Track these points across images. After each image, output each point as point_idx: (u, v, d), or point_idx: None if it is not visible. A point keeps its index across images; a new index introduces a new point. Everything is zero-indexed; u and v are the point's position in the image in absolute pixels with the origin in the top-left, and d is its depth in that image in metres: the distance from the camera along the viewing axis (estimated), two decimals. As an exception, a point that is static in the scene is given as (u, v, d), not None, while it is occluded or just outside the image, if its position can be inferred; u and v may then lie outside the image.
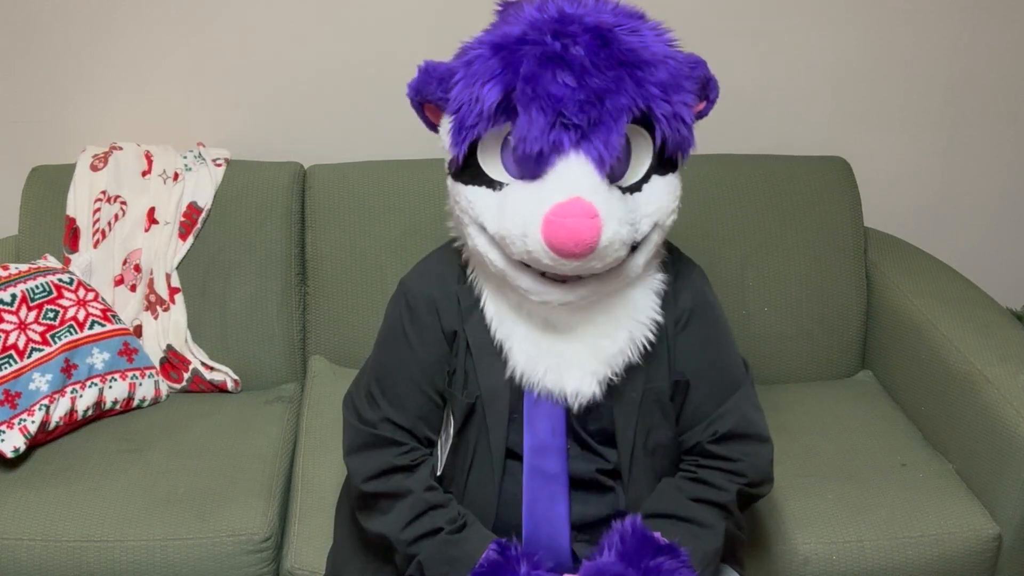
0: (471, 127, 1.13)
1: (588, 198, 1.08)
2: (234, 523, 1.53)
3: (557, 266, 1.11)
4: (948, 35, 2.16)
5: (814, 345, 1.98)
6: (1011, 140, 2.28)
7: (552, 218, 1.07)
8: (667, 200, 1.17)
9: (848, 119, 2.21)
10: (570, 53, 1.08)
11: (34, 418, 1.66)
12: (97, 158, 1.96)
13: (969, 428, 1.65)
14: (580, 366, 1.21)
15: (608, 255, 1.11)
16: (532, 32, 1.10)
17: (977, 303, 1.86)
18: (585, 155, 1.09)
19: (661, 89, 1.10)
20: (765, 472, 1.30)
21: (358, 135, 2.12)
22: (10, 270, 1.77)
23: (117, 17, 2.04)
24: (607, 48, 1.09)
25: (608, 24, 1.11)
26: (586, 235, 1.06)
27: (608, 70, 1.08)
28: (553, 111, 1.07)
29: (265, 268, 1.94)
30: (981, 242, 2.35)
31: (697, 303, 1.29)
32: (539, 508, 1.25)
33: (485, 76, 1.10)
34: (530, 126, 1.08)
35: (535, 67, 1.08)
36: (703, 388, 1.28)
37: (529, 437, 1.24)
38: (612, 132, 1.08)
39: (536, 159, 1.10)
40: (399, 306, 1.31)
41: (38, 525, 1.51)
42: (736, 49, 2.12)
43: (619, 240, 1.11)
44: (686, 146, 1.16)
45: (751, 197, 1.98)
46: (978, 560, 1.55)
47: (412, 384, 1.28)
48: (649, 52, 1.11)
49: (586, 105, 1.07)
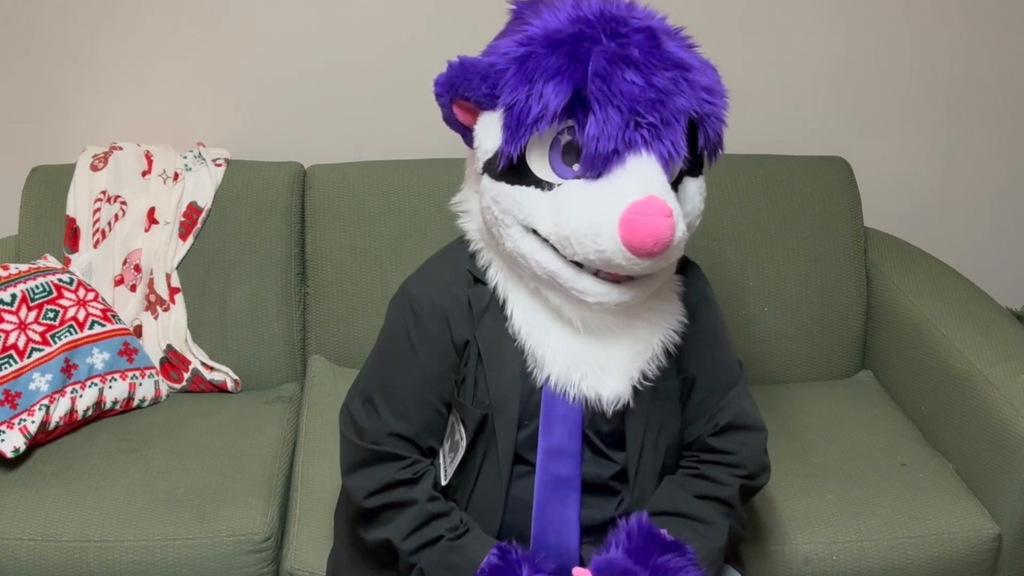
0: (532, 124, 1.09)
1: (661, 196, 1.08)
2: (234, 523, 1.53)
3: (630, 265, 1.09)
4: (948, 35, 2.16)
5: (814, 345, 1.98)
6: (1011, 140, 2.28)
7: (631, 216, 1.06)
8: (698, 201, 1.20)
9: (848, 119, 2.21)
10: (630, 53, 1.08)
11: (34, 418, 1.66)
12: (97, 158, 1.96)
13: (969, 428, 1.65)
14: (617, 371, 1.20)
15: (674, 254, 1.14)
16: (587, 29, 1.09)
17: (977, 303, 1.86)
18: (655, 155, 1.09)
19: (707, 92, 1.12)
20: (761, 461, 1.30)
21: (358, 135, 2.12)
22: (10, 270, 1.77)
23: (117, 17, 2.04)
24: (659, 50, 1.10)
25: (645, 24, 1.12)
26: (666, 233, 1.07)
27: (666, 71, 1.09)
28: (628, 109, 1.07)
29: (265, 268, 1.94)
30: (981, 242, 2.35)
31: (700, 300, 1.30)
32: (549, 512, 1.24)
33: (549, 73, 1.08)
34: (605, 124, 1.07)
35: (605, 64, 1.07)
36: (707, 384, 1.29)
37: (544, 441, 1.23)
38: (678, 132, 1.09)
39: (605, 158, 1.09)
40: (403, 313, 1.26)
41: (38, 525, 1.51)
42: (736, 49, 2.12)
43: (684, 239, 1.13)
44: (721, 148, 1.18)
45: (751, 197, 1.98)
46: (978, 560, 1.55)
47: (417, 395, 1.25)
48: (688, 55, 1.13)
49: (657, 104, 1.08)
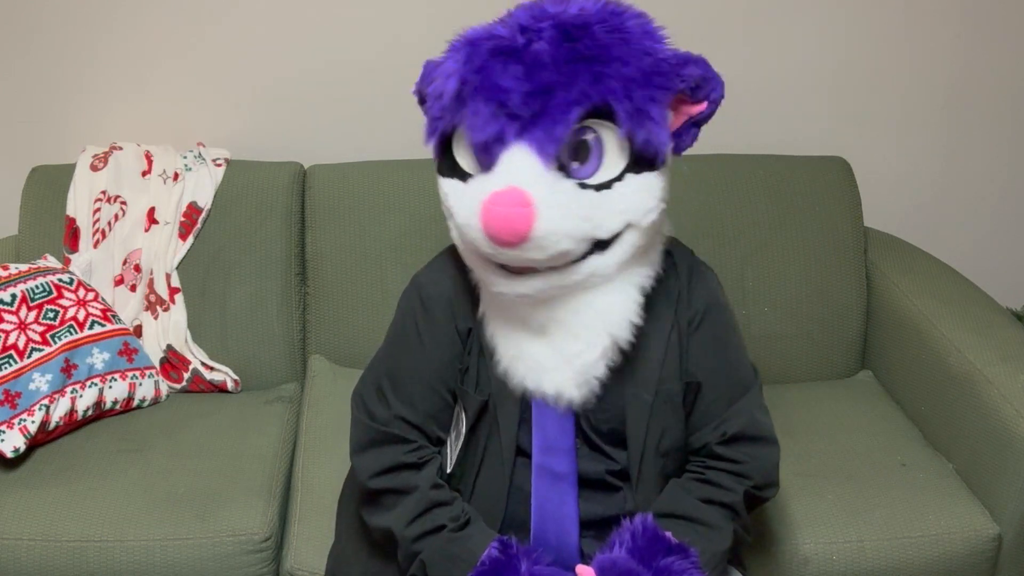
0: (437, 119, 1.16)
1: (525, 187, 1.08)
2: (234, 523, 1.53)
3: (497, 255, 1.12)
4: (948, 35, 2.16)
5: (814, 345, 1.98)
6: (1011, 140, 2.28)
7: (487, 205, 1.09)
8: (642, 199, 1.15)
9: (848, 119, 2.21)
10: (530, 48, 1.09)
11: (34, 418, 1.66)
12: (97, 158, 1.96)
13: (969, 428, 1.65)
14: (555, 369, 1.20)
15: (548, 246, 1.10)
16: (503, 28, 1.12)
17: (977, 303, 1.86)
18: (528, 146, 1.09)
19: (623, 83, 1.09)
20: (770, 475, 1.30)
21: (358, 135, 2.12)
22: (10, 270, 1.77)
23: (117, 17, 2.04)
24: (570, 43, 1.09)
25: (583, 20, 1.11)
26: (517, 223, 1.07)
27: (565, 64, 1.08)
28: (496, 101, 1.08)
29: (265, 268, 1.94)
30: (981, 242, 2.35)
31: (710, 304, 1.29)
32: (548, 507, 1.25)
33: (449, 70, 1.12)
34: (475, 116, 1.10)
35: (486, 59, 1.10)
36: (714, 390, 1.28)
37: (538, 437, 1.24)
38: (557, 123, 1.08)
39: (485, 149, 1.11)
40: (412, 303, 1.31)
41: (38, 525, 1.51)
42: (736, 49, 2.12)
43: (560, 231, 1.10)
44: (658, 144, 1.12)
45: (751, 197, 1.98)
46: (978, 560, 1.55)
47: (424, 382, 1.28)
48: (623, 48, 1.11)
49: (530, 97, 1.08)
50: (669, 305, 1.26)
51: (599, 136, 1.12)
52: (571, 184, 1.12)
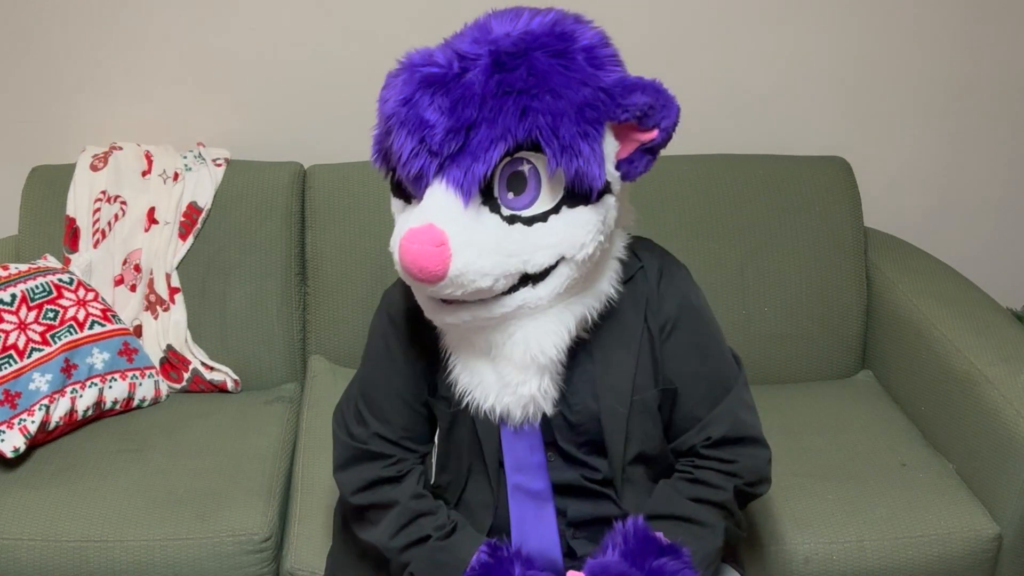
0: (379, 142, 1.15)
1: (441, 226, 1.07)
2: (234, 523, 1.53)
3: (420, 288, 1.12)
4: (949, 35, 2.16)
5: (814, 345, 1.98)
6: (1011, 140, 2.28)
7: (404, 242, 1.08)
8: (575, 234, 1.11)
9: (848, 119, 2.21)
10: (462, 79, 1.07)
11: (34, 418, 1.66)
12: (97, 158, 1.96)
13: (969, 428, 1.65)
14: (499, 388, 1.19)
15: (465, 284, 1.08)
16: (443, 53, 1.10)
17: (977, 303, 1.86)
18: (447, 183, 1.08)
19: (551, 119, 1.06)
20: (761, 472, 1.29)
21: (358, 135, 2.10)
22: (10, 270, 1.77)
23: (117, 18, 2.04)
24: (502, 74, 1.06)
25: (523, 46, 1.08)
26: (429, 262, 1.06)
27: (492, 99, 1.06)
28: (419, 137, 1.07)
29: (265, 268, 1.94)
30: (981, 242, 2.35)
31: (683, 308, 1.26)
32: (527, 526, 1.24)
33: (389, 94, 1.11)
34: (400, 149, 1.09)
35: (414, 90, 1.08)
36: (694, 394, 1.26)
37: (508, 455, 1.23)
38: (478, 161, 1.06)
39: (414, 181, 1.10)
40: (382, 320, 1.32)
41: (38, 525, 1.51)
42: (736, 49, 2.12)
43: (476, 270, 1.07)
44: (589, 180, 1.09)
45: (751, 197, 1.98)
46: (978, 560, 1.55)
47: (397, 398, 1.29)
48: (561, 77, 1.07)
49: (451, 133, 1.06)
50: (638, 312, 1.24)
51: (535, 167, 1.10)
52: (496, 220, 1.10)
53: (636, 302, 1.24)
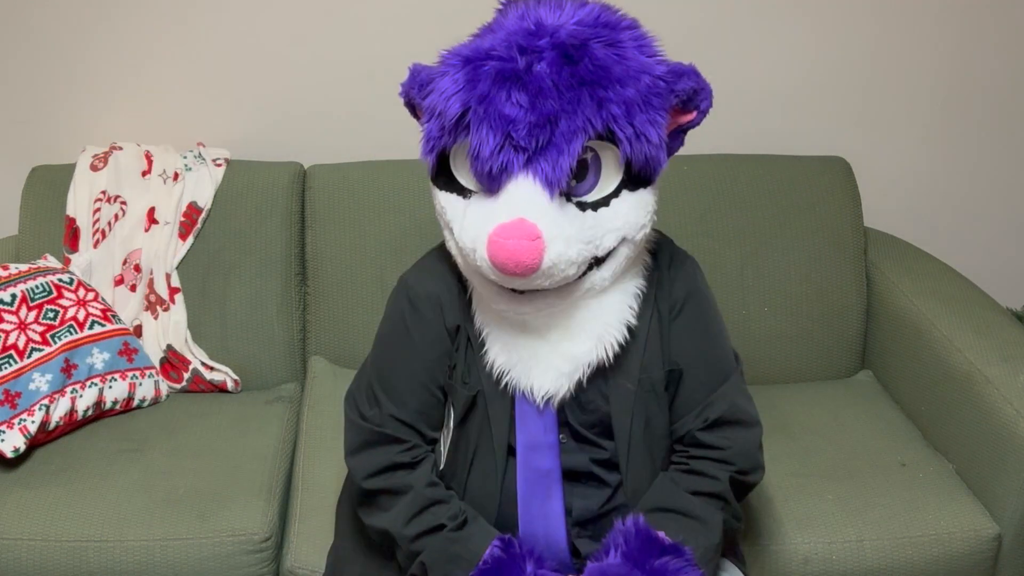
0: (436, 138, 1.16)
1: (532, 219, 1.09)
2: (234, 523, 1.53)
3: (503, 282, 1.14)
4: (949, 35, 2.16)
5: (814, 345, 1.98)
6: (1011, 140, 2.28)
7: (495, 238, 1.09)
8: (636, 215, 1.17)
9: (848, 119, 2.21)
10: (532, 72, 1.09)
11: (34, 418, 1.66)
12: (97, 158, 1.96)
13: (969, 428, 1.65)
14: (547, 366, 1.22)
15: (555, 274, 1.12)
16: (501, 46, 1.11)
17: (977, 303, 1.86)
18: (534, 176, 1.10)
19: (625, 108, 1.10)
20: (754, 457, 1.30)
21: (358, 135, 2.12)
22: (10, 270, 1.77)
23: (117, 17, 2.04)
24: (572, 66, 1.09)
25: (581, 37, 1.11)
26: (526, 256, 1.08)
27: (568, 91, 1.09)
28: (503, 133, 1.09)
29: (265, 268, 1.94)
30: (981, 242, 2.35)
31: (691, 292, 1.30)
32: (535, 505, 1.26)
33: (450, 90, 1.12)
34: (480, 146, 1.10)
35: (489, 86, 1.10)
36: (695, 376, 1.29)
37: (521, 434, 1.25)
38: (563, 154, 1.09)
39: (490, 177, 1.12)
40: (400, 303, 1.31)
41: (38, 525, 1.51)
42: (736, 49, 2.12)
43: (565, 260, 1.11)
44: (654, 164, 1.15)
45: (751, 197, 1.98)
46: (978, 560, 1.55)
47: (414, 380, 1.29)
48: (621, 67, 1.11)
49: (536, 128, 1.08)
50: (649, 294, 1.28)
51: (597, 154, 1.14)
52: (574, 209, 1.14)
53: (648, 284, 1.28)
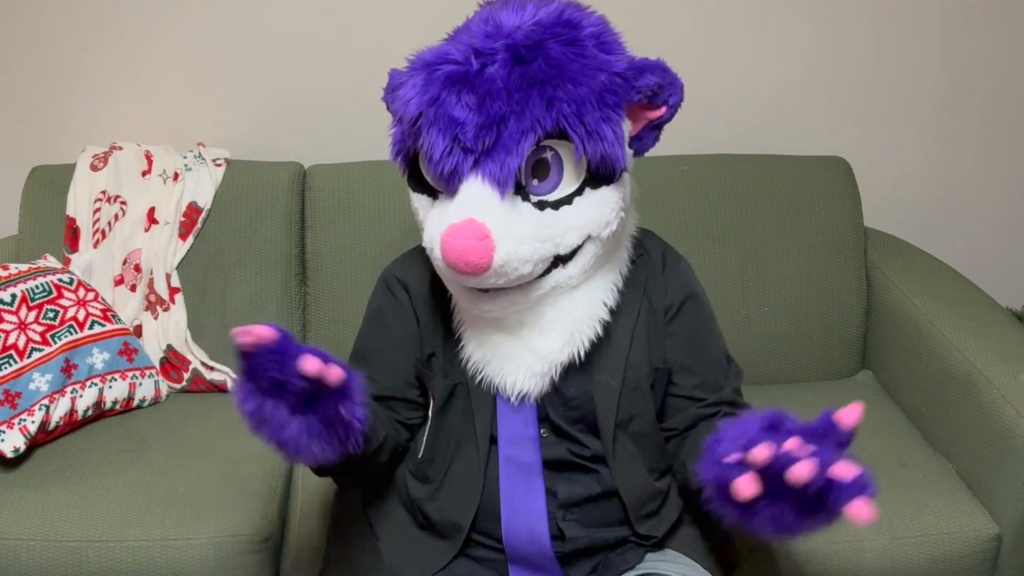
0: (400, 141, 1.18)
1: (481, 219, 1.10)
2: (234, 523, 1.53)
3: (459, 281, 1.15)
4: (949, 35, 2.16)
5: (814, 345, 1.98)
6: (1011, 140, 2.28)
7: (446, 238, 1.10)
8: (600, 213, 1.17)
9: (848, 119, 2.21)
10: (483, 75, 1.10)
11: (34, 418, 1.66)
12: (97, 158, 1.96)
13: (969, 428, 1.65)
14: (518, 362, 1.22)
15: (508, 273, 1.12)
16: (459, 50, 1.13)
17: (977, 303, 1.86)
18: (483, 177, 1.11)
19: (576, 107, 1.11)
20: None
21: (358, 135, 2.12)
22: (10, 270, 1.77)
23: (117, 17, 2.04)
24: (523, 66, 1.10)
25: (536, 38, 1.11)
26: (474, 256, 1.09)
27: (517, 91, 1.10)
28: (451, 135, 1.10)
29: (265, 268, 1.94)
30: (981, 242, 2.35)
31: (690, 295, 1.31)
32: (516, 496, 1.26)
33: (408, 95, 1.14)
34: (432, 149, 1.12)
35: (440, 90, 1.11)
36: (695, 372, 1.30)
37: (503, 427, 1.26)
38: (511, 154, 1.10)
39: (444, 178, 1.13)
40: (378, 289, 1.37)
41: (38, 525, 1.51)
42: (736, 49, 2.12)
43: (518, 258, 1.12)
44: (612, 161, 1.14)
45: (751, 197, 1.98)
46: (978, 560, 1.55)
47: (384, 356, 1.32)
48: (576, 64, 1.11)
49: (482, 129, 1.09)
50: (636, 293, 1.28)
51: (557, 153, 1.14)
52: (529, 208, 1.14)
53: (635, 283, 1.28)
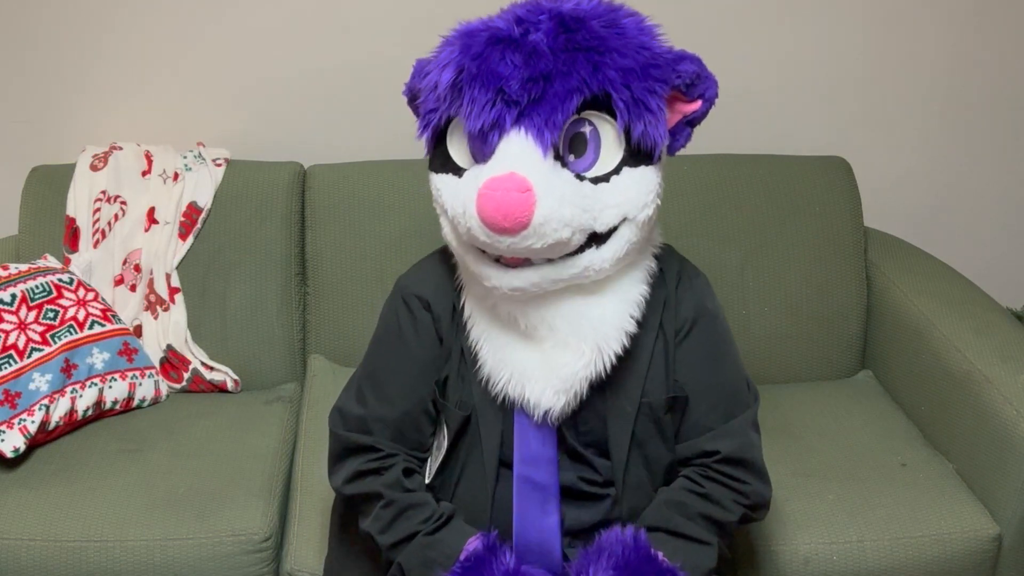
0: (431, 111, 1.14)
1: (523, 173, 1.06)
2: (234, 523, 1.53)
3: (494, 243, 1.10)
4: (949, 35, 2.16)
5: (814, 345, 1.98)
6: (1011, 140, 2.28)
7: (485, 191, 1.07)
8: (637, 193, 1.14)
9: (848, 119, 2.21)
10: (527, 38, 1.08)
11: (34, 418, 1.66)
12: (97, 158, 1.96)
13: (969, 428, 1.65)
14: (540, 377, 1.18)
15: (547, 234, 1.08)
16: (499, 20, 1.12)
17: (977, 303, 1.86)
18: (526, 132, 1.08)
19: (621, 74, 1.09)
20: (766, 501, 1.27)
21: (358, 135, 2.13)
22: (10, 270, 1.77)
23: (117, 17, 2.04)
24: (568, 34, 1.09)
25: (579, 13, 1.11)
26: (515, 209, 1.05)
27: (563, 53, 1.08)
28: (494, 88, 1.07)
29: (265, 268, 1.94)
30: (981, 242, 2.35)
31: (700, 313, 1.26)
32: (530, 518, 1.23)
33: (445, 59, 1.12)
34: (472, 103, 1.08)
35: (483, 47, 1.09)
36: (704, 402, 1.25)
37: (520, 448, 1.22)
38: (556, 111, 1.07)
39: (483, 138, 1.09)
40: (395, 304, 1.30)
41: (38, 525, 1.51)
42: (737, 49, 2.12)
43: (559, 219, 1.08)
44: (655, 136, 1.11)
45: (751, 197, 1.98)
46: (978, 560, 1.55)
47: (403, 380, 1.27)
48: (619, 41, 1.10)
49: (529, 83, 1.07)
50: (655, 313, 1.24)
51: (596, 129, 1.12)
52: (569, 174, 1.11)
53: (654, 304, 1.23)
